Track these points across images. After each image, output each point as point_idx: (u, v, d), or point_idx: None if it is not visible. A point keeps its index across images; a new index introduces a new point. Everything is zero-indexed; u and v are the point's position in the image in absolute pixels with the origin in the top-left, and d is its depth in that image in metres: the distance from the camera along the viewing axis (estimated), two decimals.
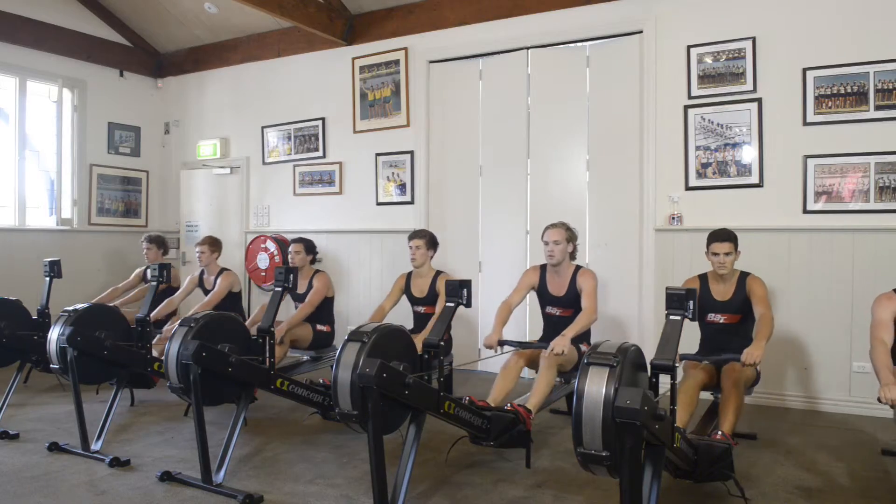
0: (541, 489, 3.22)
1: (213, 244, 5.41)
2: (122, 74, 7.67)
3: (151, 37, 7.76)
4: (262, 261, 6.74)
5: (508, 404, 3.45)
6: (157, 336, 4.89)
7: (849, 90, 4.61)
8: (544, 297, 4.22)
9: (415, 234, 4.79)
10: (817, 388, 4.71)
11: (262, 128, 7.16)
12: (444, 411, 3.03)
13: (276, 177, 7.11)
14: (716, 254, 3.78)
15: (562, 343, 3.67)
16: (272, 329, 3.60)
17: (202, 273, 5.40)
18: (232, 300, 5.23)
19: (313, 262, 5.18)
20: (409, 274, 4.87)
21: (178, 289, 5.50)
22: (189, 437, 3.88)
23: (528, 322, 5.60)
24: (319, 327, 4.91)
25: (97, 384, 4.78)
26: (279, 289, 3.69)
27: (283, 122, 7.02)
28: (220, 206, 7.52)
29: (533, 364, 3.92)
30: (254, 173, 7.27)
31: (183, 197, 7.74)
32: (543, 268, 4.24)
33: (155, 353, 4.22)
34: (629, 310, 5.34)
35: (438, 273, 4.78)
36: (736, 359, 3.39)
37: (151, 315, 4.18)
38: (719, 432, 3.12)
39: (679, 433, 2.59)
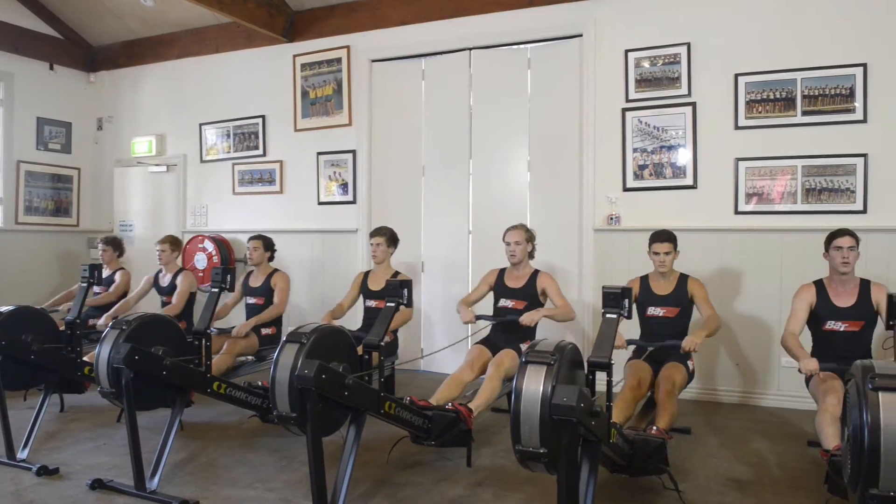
0: (481, 487, 3.24)
1: (174, 243, 5.38)
2: (52, 68, 7.38)
3: (84, 29, 7.49)
4: (200, 261, 6.59)
5: (450, 404, 3.46)
6: None
7: (778, 96, 4.78)
8: (501, 291, 4.36)
9: (375, 232, 4.95)
10: (748, 383, 4.88)
11: (200, 125, 7.00)
12: (385, 412, 3.02)
13: (214, 175, 6.96)
14: (657, 253, 4.00)
15: (533, 316, 3.99)
16: (208, 331, 3.53)
17: (158, 273, 5.35)
18: (191, 301, 5.16)
19: (271, 258, 5.21)
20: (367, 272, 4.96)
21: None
22: (122, 443, 3.76)
23: None
24: (265, 331, 4.83)
25: (24, 390, 4.59)
26: (216, 289, 3.62)
27: (221, 120, 6.88)
28: (155, 204, 7.32)
29: (484, 368, 3.97)
30: (191, 171, 7.10)
31: (117, 195, 7.51)
32: (502, 270, 4.43)
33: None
34: None
35: (397, 273, 4.84)
36: (677, 345, 3.59)
37: (105, 316, 4.07)
38: (654, 427, 3.20)
39: (615, 429, 2.65)
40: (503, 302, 4.34)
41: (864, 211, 4.56)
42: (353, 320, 5.09)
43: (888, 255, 4.46)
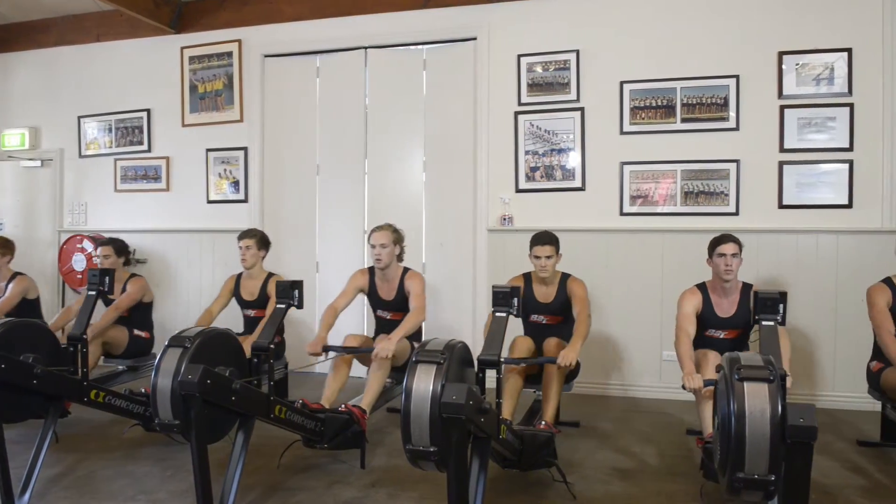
0: (375, 489, 3.23)
1: (5, 246, 4.85)
2: None
3: None
4: (79, 262, 6.22)
5: (342, 405, 3.43)
6: None
7: (659, 103, 5.03)
8: (375, 300, 4.16)
9: (244, 234, 4.59)
10: (632, 377, 5.11)
11: (79, 118, 6.59)
12: (275, 416, 2.96)
13: (94, 171, 6.57)
14: (538, 257, 3.86)
15: (387, 347, 3.57)
16: (85, 336, 3.34)
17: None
18: (28, 308, 4.68)
19: (126, 263, 4.85)
20: (239, 275, 4.69)
21: None
22: None
23: (365, 321, 5.59)
24: (137, 332, 4.59)
25: None
26: (93, 292, 3.43)
27: (103, 113, 6.51)
28: (28, 201, 6.84)
29: (366, 360, 3.90)
30: (69, 167, 6.68)
31: None
32: (372, 270, 4.14)
33: None
34: (463, 308, 5.49)
35: (270, 275, 4.62)
36: (552, 361, 3.48)
37: None
38: (542, 422, 3.30)
39: (505, 425, 2.70)
40: (380, 313, 4.17)
41: (737, 213, 4.87)
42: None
43: (757, 253, 4.78)
